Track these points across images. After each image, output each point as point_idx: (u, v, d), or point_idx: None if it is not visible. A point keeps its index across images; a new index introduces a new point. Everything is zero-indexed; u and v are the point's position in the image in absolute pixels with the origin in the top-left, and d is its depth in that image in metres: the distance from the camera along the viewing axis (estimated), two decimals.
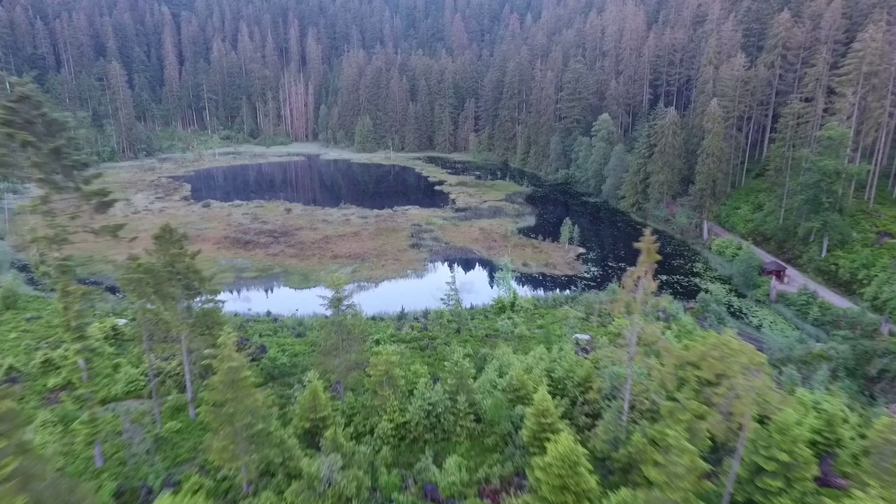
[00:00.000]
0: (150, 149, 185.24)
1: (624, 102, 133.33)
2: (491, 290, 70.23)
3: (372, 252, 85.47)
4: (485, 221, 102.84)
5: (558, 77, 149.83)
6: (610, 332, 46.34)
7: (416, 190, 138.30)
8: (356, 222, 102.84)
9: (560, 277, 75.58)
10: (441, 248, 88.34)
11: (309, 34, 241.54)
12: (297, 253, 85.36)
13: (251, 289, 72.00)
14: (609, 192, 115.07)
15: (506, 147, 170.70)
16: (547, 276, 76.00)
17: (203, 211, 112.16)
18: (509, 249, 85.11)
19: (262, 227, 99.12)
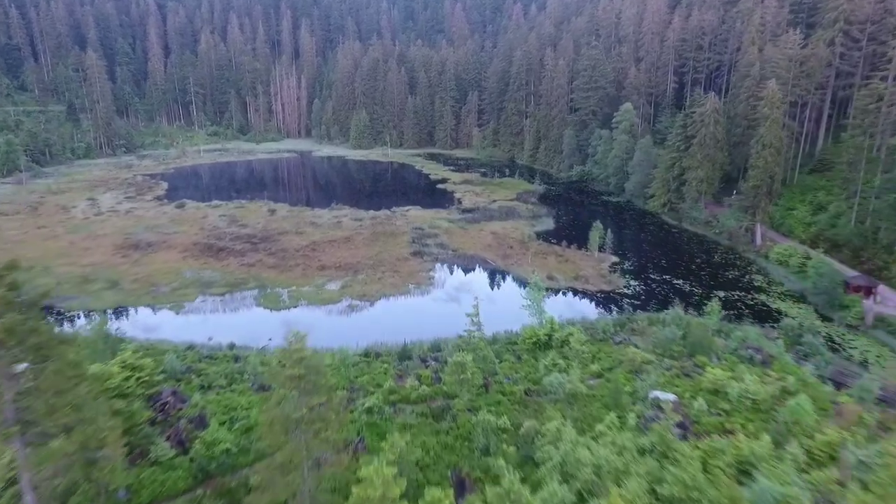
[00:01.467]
0: (130, 145, 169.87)
1: (645, 92, 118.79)
2: (514, 309, 55.72)
3: (367, 262, 70.71)
4: (496, 224, 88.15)
5: (570, 66, 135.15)
6: (704, 389, 31.83)
7: (416, 189, 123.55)
8: (349, 225, 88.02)
9: (595, 294, 60.96)
10: (448, 256, 73.67)
11: (302, 26, 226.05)
12: (278, 263, 70.49)
13: (216, 311, 57.10)
14: (634, 191, 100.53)
15: (512, 142, 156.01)
16: (579, 292, 61.39)
17: (175, 212, 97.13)
18: (529, 259, 70.50)
19: (239, 232, 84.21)
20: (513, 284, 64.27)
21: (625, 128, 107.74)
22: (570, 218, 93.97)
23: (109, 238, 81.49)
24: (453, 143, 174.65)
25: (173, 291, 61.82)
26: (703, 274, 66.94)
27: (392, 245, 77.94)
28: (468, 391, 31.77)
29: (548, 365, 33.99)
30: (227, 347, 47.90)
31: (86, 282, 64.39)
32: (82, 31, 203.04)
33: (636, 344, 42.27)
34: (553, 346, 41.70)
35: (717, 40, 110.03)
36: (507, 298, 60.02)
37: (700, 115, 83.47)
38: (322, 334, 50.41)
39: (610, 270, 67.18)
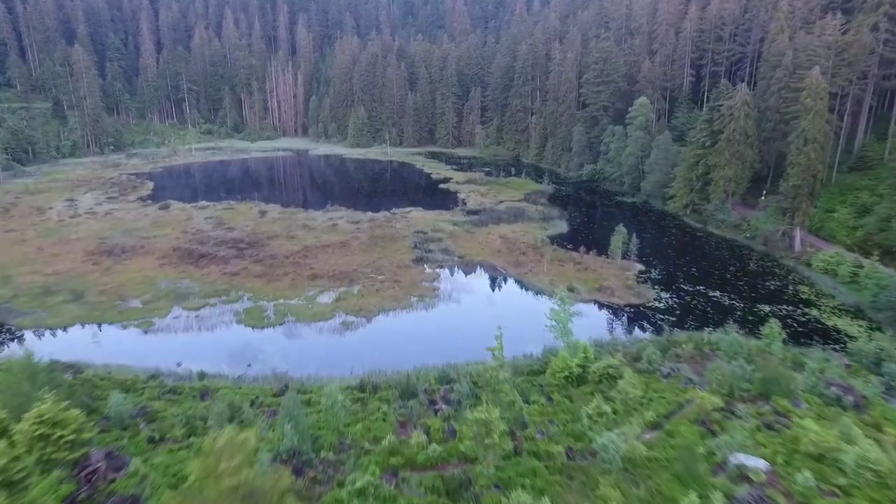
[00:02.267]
0: (119, 143, 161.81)
1: (660, 86, 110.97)
2: (533, 327, 47.94)
3: (364, 270, 62.81)
4: (505, 227, 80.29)
5: (579, 59, 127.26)
6: (803, 453, 24.03)
7: (417, 189, 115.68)
8: (345, 228, 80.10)
9: (623, 308, 53.13)
10: (454, 263, 65.78)
11: (299, 21, 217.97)
12: (265, 271, 62.56)
13: (189, 329, 49.18)
14: (652, 191, 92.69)
15: (517, 140, 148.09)
16: (604, 306, 53.57)
17: (158, 214, 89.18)
18: (545, 267, 62.63)
19: (225, 236, 76.27)
20: (529, 297, 56.40)
21: (640, 123, 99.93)
22: (584, 220, 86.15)
23: (82, 243, 73.55)
24: (455, 141, 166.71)
25: (144, 305, 53.88)
26: (741, 284, 59.13)
27: (392, 251, 70.07)
28: (491, 450, 23.95)
29: (592, 415, 26.25)
30: (196, 377, 40.00)
31: (47, 293, 56.48)
32: (72, 26, 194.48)
33: (691, 378, 34.38)
34: (589, 381, 33.92)
35: (739, 30, 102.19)
36: (524, 314, 52.17)
37: (728, 108, 75.68)
38: (310, 359, 42.73)
39: (637, 280, 59.26)
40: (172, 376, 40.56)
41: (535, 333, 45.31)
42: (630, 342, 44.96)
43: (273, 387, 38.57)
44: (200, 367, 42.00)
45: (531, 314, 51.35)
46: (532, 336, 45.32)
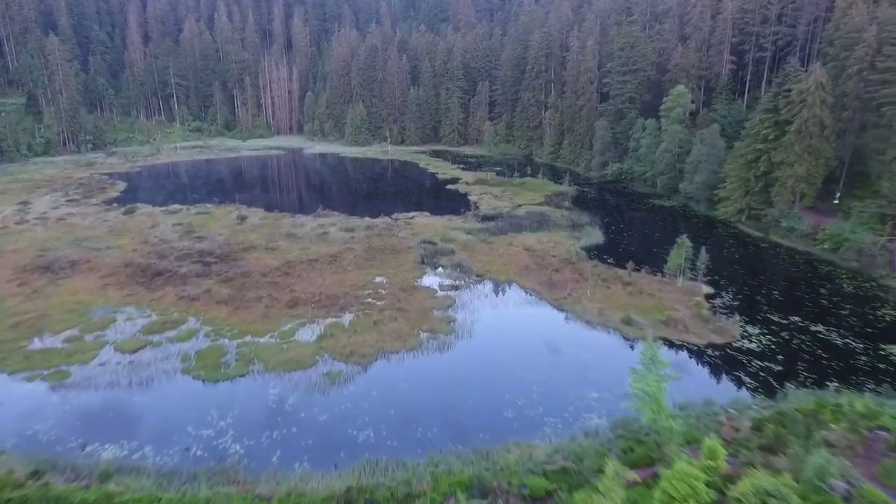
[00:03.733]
0: (98, 141, 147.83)
1: (696, 74, 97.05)
2: (588, 381, 34.13)
3: (358, 293, 48.81)
4: (529, 236, 66.32)
5: (600, 47, 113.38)
6: None
7: (422, 190, 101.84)
8: (337, 238, 66.12)
9: (704, 350, 39.10)
10: (472, 283, 51.79)
11: (295, 14, 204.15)
12: (233, 295, 48.53)
13: (115, 384, 35.10)
14: (695, 193, 78.74)
15: (529, 138, 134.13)
16: (677, 346, 39.55)
17: (120, 220, 75.28)
18: (589, 290, 48.62)
19: (192, 247, 62.24)
20: (576, 333, 42.33)
21: (677, 116, 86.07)
22: (620, 227, 72.13)
23: (17, 256, 59.58)
24: (461, 138, 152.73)
25: (64, 346, 39.88)
26: (845, 314, 45.16)
27: (393, 266, 56.07)
28: None
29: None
30: (98, 477, 25.97)
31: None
32: (54, 18, 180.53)
33: None
34: None
35: (788, 10, 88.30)
36: (574, 361, 38.10)
37: (799, 93, 61.76)
38: (277, 439, 28.76)
39: (710, 309, 45.19)
40: (67, 471, 26.56)
41: (590, 390, 31.55)
42: (736, 407, 31.03)
43: (217, 491, 24.67)
44: (114, 451, 28.20)
45: (583, 361, 37.42)
46: (586, 395, 31.55)
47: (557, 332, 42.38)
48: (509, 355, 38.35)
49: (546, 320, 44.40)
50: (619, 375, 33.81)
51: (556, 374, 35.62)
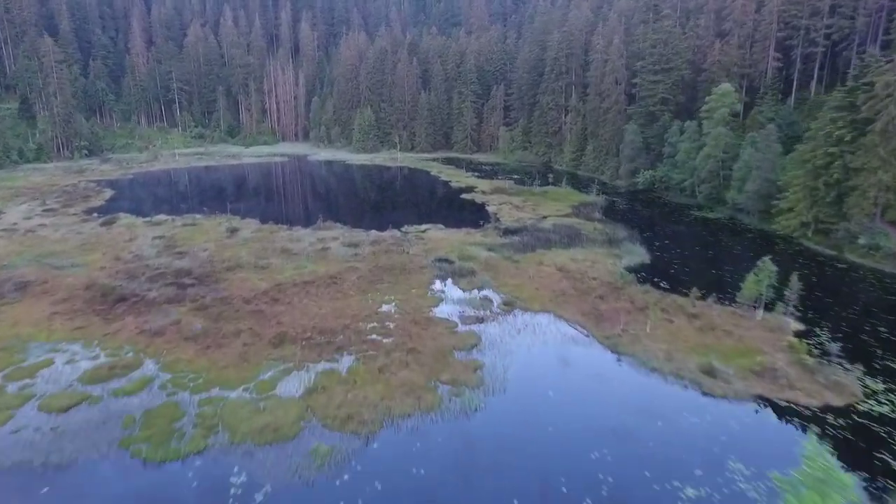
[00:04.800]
0: (94, 147, 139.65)
1: (737, 73, 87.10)
2: (670, 463, 24.17)
3: (361, 325, 39.02)
4: (561, 254, 56.35)
5: (627, 47, 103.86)
6: None
7: (435, 200, 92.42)
8: (339, 254, 56.47)
9: (822, 417, 28.77)
10: (498, 313, 41.88)
11: (303, 19, 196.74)
12: (207, 328, 38.86)
13: (27, 464, 25.44)
14: (748, 203, 68.50)
15: (548, 144, 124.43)
16: (778, 409, 29.32)
17: (95, 232, 66.26)
18: (649, 325, 38.54)
19: (169, 265, 52.87)
20: (643, 388, 32.17)
21: (721, 117, 76.05)
22: (665, 243, 61.95)
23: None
24: (474, 145, 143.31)
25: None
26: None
27: (403, 290, 46.34)
28: None
29: None
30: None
31: None
32: (55, 21, 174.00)
33: None
34: None
35: (846, 0, 78.34)
36: (649, 431, 27.95)
37: (885, 86, 51.66)
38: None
39: (809, 352, 34.88)
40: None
41: (683, 483, 21.56)
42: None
43: None
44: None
45: (661, 433, 27.32)
46: (679, 494, 21.53)
47: (617, 385, 32.28)
48: (558, 422, 28.34)
49: (599, 367, 34.30)
50: (720, 460, 23.86)
51: (628, 455, 25.58)
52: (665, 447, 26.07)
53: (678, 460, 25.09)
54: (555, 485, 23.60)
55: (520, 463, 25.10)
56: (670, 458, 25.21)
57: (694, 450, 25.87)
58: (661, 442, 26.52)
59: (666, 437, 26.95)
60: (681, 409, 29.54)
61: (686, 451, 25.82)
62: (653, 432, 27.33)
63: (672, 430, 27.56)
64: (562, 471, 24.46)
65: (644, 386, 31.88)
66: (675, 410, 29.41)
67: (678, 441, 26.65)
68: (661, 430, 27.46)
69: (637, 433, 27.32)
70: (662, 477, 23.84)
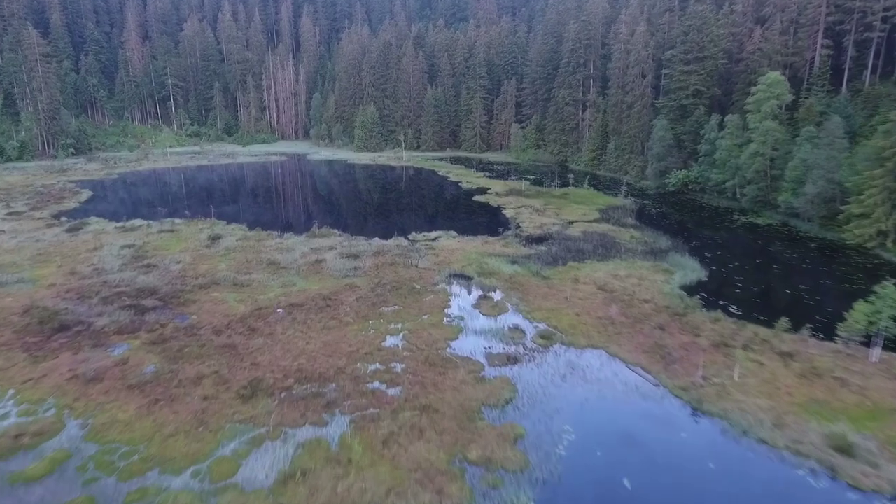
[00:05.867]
0: (81, 145, 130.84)
1: (780, 62, 77.64)
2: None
3: (358, 368, 29.74)
4: (598, 268, 47.03)
5: (653, 36, 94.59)
6: None
7: (444, 203, 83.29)
8: (335, 268, 47.23)
9: None
10: (534, 350, 32.58)
11: (304, 13, 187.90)
12: (162, 370, 29.72)
13: None
14: (806, 208, 59.04)
15: (563, 142, 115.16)
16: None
17: (58, 239, 57.21)
18: (736, 371, 29.16)
19: (133, 281, 43.74)
20: (750, 473, 22.82)
21: (770, 110, 66.64)
22: (718, 255, 52.42)
23: None
24: (484, 143, 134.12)
25: None
26: None
27: (413, 315, 37.11)
28: None
29: None
30: None
31: None
32: (46, 15, 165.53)
33: None
34: None
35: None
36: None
37: None
38: None
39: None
40: None
41: None
42: None
43: None
44: None
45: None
46: None
47: (716, 466, 22.89)
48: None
49: (684, 437, 24.89)
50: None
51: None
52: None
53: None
54: None
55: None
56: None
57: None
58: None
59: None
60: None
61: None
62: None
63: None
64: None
65: (754, 469, 22.52)
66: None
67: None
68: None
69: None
70: None
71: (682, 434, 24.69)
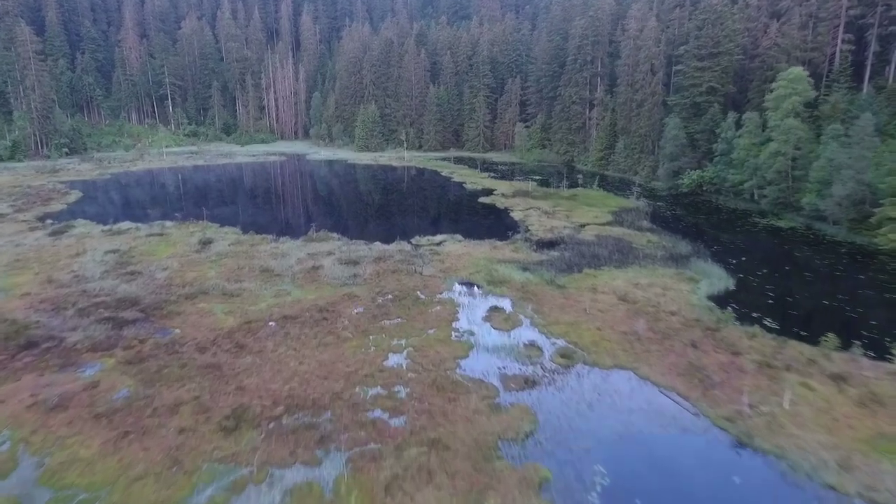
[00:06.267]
0: (76, 145, 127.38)
1: (798, 58, 74.00)
2: None
3: (357, 395, 26.18)
4: (616, 275, 43.45)
5: (664, 33, 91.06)
6: None
7: (449, 205, 79.73)
8: (333, 275, 43.67)
9: None
10: (554, 371, 29.02)
11: (304, 12, 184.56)
12: (135, 395, 26.16)
13: None
14: (834, 211, 55.47)
15: (570, 142, 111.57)
16: None
17: (41, 243, 53.74)
18: (786, 398, 25.56)
19: (114, 290, 40.22)
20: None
21: (791, 107, 63.12)
22: (743, 261, 48.72)
23: None
24: (487, 143, 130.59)
25: None
26: None
27: (419, 330, 33.56)
28: None
29: None
30: None
31: None
32: (42, 13, 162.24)
33: None
34: None
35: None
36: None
37: None
38: None
39: None
40: None
41: None
42: None
43: None
44: None
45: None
46: None
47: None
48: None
49: (736, 482, 21.24)
50: None
51: None
52: None
53: None
54: None
55: None
56: None
57: None
58: None
59: None
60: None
61: None
62: None
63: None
64: None
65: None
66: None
67: None
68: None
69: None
70: None
71: (735, 478, 21.07)
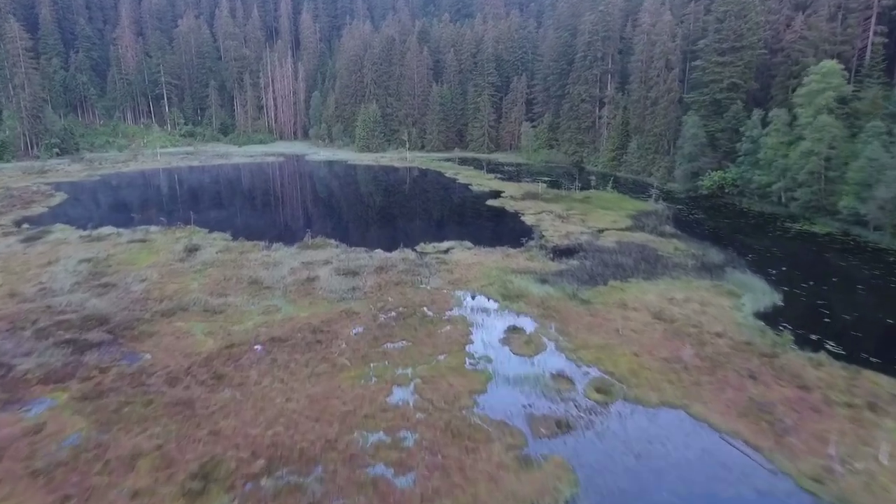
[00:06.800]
0: (67, 145, 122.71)
1: (826, 52, 69.18)
2: None
3: (355, 442, 21.31)
4: (646, 288, 38.62)
5: (680, 28, 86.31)
6: None
7: (454, 208, 74.93)
8: (330, 288, 38.83)
9: None
10: (590, 411, 24.19)
11: (304, 10, 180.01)
12: (82, 447, 21.34)
13: None
14: (877, 215, 50.65)
15: (579, 142, 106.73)
16: None
17: (11, 250, 49.14)
18: (883, 450, 20.73)
19: (81, 305, 35.43)
20: None
21: (825, 103, 58.27)
22: (783, 271, 43.86)
23: None
24: (492, 143, 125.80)
25: None
26: None
27: (427, 356, 28.74)
28: None
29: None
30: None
31: None
32: (35, 11, 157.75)
33: None
34: None
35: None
36: None
37: None
38: None
39: None
40: None
41: None
42: None
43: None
44: None
45: None
46: None
47: None
48: None
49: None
50: None
51: None
52: None
53: None
54: None
55: None
56: None
57: None
58: None
59: None
60: None
61: None
62: None
63: None
64: None
65: None
66: None
67: None
68: None
69: None
70: None
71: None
